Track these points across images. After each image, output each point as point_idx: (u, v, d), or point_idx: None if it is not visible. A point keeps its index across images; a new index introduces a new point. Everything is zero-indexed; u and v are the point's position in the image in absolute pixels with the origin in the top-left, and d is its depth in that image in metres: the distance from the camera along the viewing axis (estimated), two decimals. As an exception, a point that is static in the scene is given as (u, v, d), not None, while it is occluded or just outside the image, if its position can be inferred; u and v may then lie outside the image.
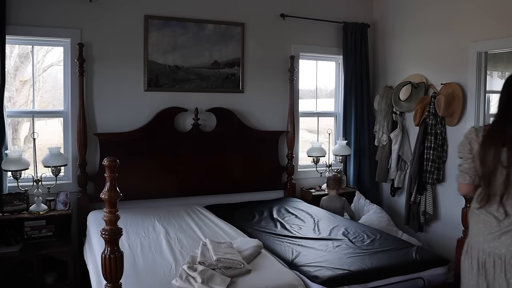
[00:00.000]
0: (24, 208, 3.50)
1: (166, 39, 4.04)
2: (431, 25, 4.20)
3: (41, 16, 3.63)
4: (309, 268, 2.49)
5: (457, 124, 3.92)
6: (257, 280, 2.33)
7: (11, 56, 3.98)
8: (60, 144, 3.85)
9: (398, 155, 4.42)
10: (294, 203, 4.07)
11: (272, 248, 2.86)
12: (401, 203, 4.47)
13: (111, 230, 1.83)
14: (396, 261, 2.65)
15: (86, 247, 3.33)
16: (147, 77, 4.00)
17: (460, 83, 3.87)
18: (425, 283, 2.58)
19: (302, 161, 4.78)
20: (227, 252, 2.48)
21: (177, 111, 4.08)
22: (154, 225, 3.27)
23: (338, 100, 4.94)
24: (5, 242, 3.37)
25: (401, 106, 4.38)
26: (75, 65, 3.70)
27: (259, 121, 4.45)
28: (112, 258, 1.84)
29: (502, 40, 3.51)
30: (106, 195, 1.79)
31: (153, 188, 3.96)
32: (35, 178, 3.56)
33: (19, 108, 4.00)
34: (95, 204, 3.73)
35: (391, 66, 4.73)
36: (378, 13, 4.88)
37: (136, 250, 2.74)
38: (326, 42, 4.72)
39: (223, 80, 4.29)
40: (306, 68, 4.81)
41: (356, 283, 2.41)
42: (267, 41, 4.46)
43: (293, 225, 3.37)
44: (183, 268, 2.34)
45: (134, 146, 3.89)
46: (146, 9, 3.96)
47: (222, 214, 3.67)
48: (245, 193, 4.31)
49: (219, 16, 4.23)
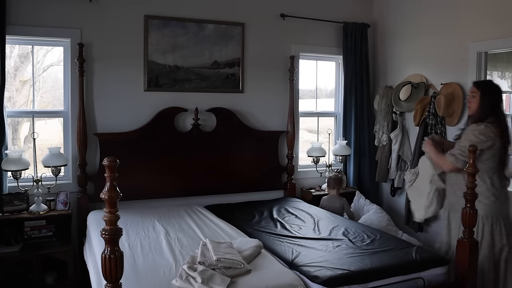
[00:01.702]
0: (24, 208, 3.50)
1: (166, 39, 4.04)
2: (431, 25, 4.20)
3: (41, 16, 3.63)
4: (309, 268, 2.49)
5: (457, 124, 3.91)
6: (257, 280, 2.33)
7: (11, 56, 3.98)
8: (60, 144, 3.86)
9: (398, 155, 4.42)
10: (294, 203, 4.07)
11: (272, 248, 2.86)
12: (401, 203, 4.47)
13: (111, 230, 1.82)
14: (396, 261, 2.65)
15: (86, 247, 3.33)
16: (147, 77, 4.00)
17: (460, 83, 3.87)
18: (425, 283, 2.58)
19: (302, 161, 4.78)
20: (227, 252, 2.48)
21: (177, 111, 4.08)
22: (154, 225, 3.27)
23: (338, 100, 4.94)
24: (5, 242, 3.37)
25: (401, 106, 4.38)
26: (75, 65, 3.70)
27: (259, 121, 4.45)
28: (112, 258, 1.84)
29: (502, 40, 3.51)
30: (106, 195, 1.79)
31: (153, 188, 3.96)
32: (35, 178, 3.56)
33: (19, 108, 4.00)
34: (95, 204, 3.73)
35: (391, 66, 4.73)
36: (378, 13, 4.88)
37: (136, 250, 2.74)
38: (326, 42, 4.72)
39: (223, 80, 4.29)
40: (306, 68, 4.81)
41: (356, 283, 2.40)
42: (267, 41, 4.46)
43: (293, 225, 3.37)
44: (183, 268, 2.34)
45: (134, 146, 3.89)
46: (146, 9, 3.97)
47: (222, 214, 3.67)
48: (245, 193, 4.31)
49: (219, 16, 4.23)
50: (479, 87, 2.94)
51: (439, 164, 3.01)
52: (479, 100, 2.89)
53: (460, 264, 2.69)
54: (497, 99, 2.91)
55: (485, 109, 2.87)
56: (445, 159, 2.93)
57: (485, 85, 2.98)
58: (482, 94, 2.89)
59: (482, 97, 2.89)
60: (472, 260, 2.67)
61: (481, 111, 2.89)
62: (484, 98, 2.88)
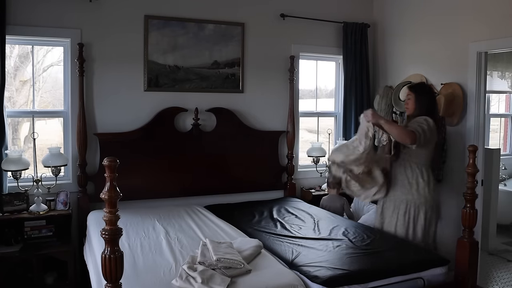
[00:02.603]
0: (24, 208, 3.50)
1: (166, 39, 4.04)
2: (431, 25, 4.20)
3: (41, 16, 3.63)
4: (309, 268, 2.49)
5: (457, 124, 3.92)
6: (257, 280, 2.33)
7: (11, 56, 3.98)
8: (60, 144, 3.86)
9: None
10: (294, 203, 4.07)
11: (272, 248, 2.86)
12: (401, 203, 4.46)
13: (111, 230, 1.83)
14: (396, 261, 2.65)
15: (86, 247, 3.33)
16: (147, 77, 4.00)
17: (460, 83, 3.87)
18: (425, 283, 2.58)
19: (302, 161, 4.78)
20: (227, 252, 2.48)
21: (177, 111, 4.08)
22: (154, 225, 3.27)
23: (338, 100, 4.94)
24: (5, 242, 3.37)
25: (401, 106, 4.37)
26: (75, 65, 3.70)
27: (259, 121, 4.45)
28: (112, 258, 1.84)
29: (502, 40, 3.51)
30: (106, 195, 1.79)
31: (153, 188, 3.96)
32: (35, 178, 3.56)
33: (19, 108, 4.01)
34: (95, 204, 3.72)
35: (391, 66, 4.73)
36: (378, 13, 4.88)
37: (136, 250, 2.74)
38: (326, 42, 4.72)
39: (223, 80, 4.29)
40: (306, 68, 4.81)
41: (356, 283, 2.40)
42: (267, 41, 4.46)
43: (293, 225, 3.37)
44: (183, 268, 2.34)
45: (134, 146, 3.89)
46: (146, 9, 3.97)
47: (222, 214, 3.67)
48: (245, 193, 4.31)
49: (219, 16, 4.23)
50: (413, 89, 3.29)
51: (403, 135, 3.03)
52: (414, 101, 3.23)
53: (460, 264, 2.70)
54: (430, 99, 3.28)
55: (421, 108, 3.20)
56: (410, 132, 3.02)
57: (418, 87, 3.36)
58: (417, 96, 3.24)
59: (416, 98, 3.23)
60: (472, 260, 2.68)
61: (418, 110, 3.21)
62: (418, 99, 3.23)
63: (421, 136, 3.01)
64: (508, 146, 6.19)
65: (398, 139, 3.13)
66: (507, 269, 4.20)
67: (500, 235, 4.93)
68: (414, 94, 3.25)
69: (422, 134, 3.01)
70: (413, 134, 2.99)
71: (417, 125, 3.08)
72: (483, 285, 3.80)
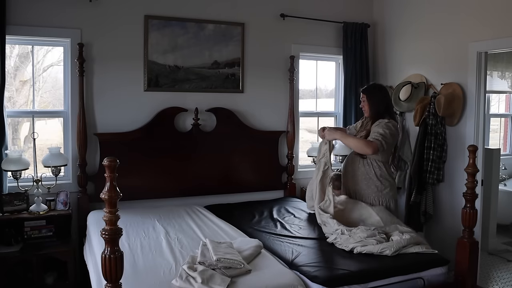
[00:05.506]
0: (24, 208, 3.50)
1: (166, 39, 4.04)
2: (431, 25, 4.20)
3: (41, 16, 3.63)
4: (309, 268, 2.49)
5: (457, 124, 3.92)
6: (257, 280, 2.33)
7: (11, 56, 3.98)
8: (60, 144, 3.86)
9: (398, 155, 4.42)
10: (294, 203, 4.07)
11: (272, 248, 2.86)
12: (401, 203, 4.46)
13: (111, 230, 1.83)
14: (396, 261, 2.64)
15: (86, 247, 3.33)
16: (147, 77, 4.00)
17: (460, 83, 3.87)
18: (425, 283, 2.58)
19: (302, 161, 4.78)
20: (227, 252, 2.48)
21: (177, 111, 4.08)
22: (154, 225, 3.27)
23: (338, 100, 4.94)
24: (5, 242, 3.37)
25: (401, 106, 4.38)
26: (75, 65, 3.70)
27: (259, 121, 4.45)
28: (112, 258, 1.84)
29: (502, 40, 3.51)
30: (106, 195, 1.79)
31: (153, 188, 3.96)
32: (35, 178, 3.56)
33: (19, 108, 4.01)
34: (95, 204, 3.73)
35: (391, 66, 4.73)
36: (378, 13, 4.88)
37: (136, 250, 2.74)
38: (326, 42, 4.72)
39: (223, 80, 4.29)
40: (306, 68, 4.81)
41: (356, 283, 2.41)
42: (267, 41, 4.46)
43: (293, 225, 3.37)
44: (183, 268, 2.34)
45: (134, 146, 3.89)
46: (146, 9, 3.97)
47: (222, 214, 3.67)
48: (245, 193, 4.32)
49: (219, 16, 4.23)
50: (364, 91, 3.36)
51: (363, 146, 3.10)
52: (368, 103, 3.30)
53: (460, 264, 2.70)
54: (381, 98, 3.30)
55: (375, 108, 3.27)
56: (370, 142, 3.08)
57: (368, 88, 3.39)
58: (368, 96, 3.31)
59: (369, 99, 3.30)
60: (472, 260, 2.68)
61: (374, 110, 3.27)
62: (370, 99, 3.29)
63: (382, 142, 3.07)
64: (508, 146, 6.19)
65: (358, 150, 3.19)
66: (507, 269, 4.20)
67: (500, 235, 4.93)
68: (366, 95, 3.32)
69: (382, 141, 3.07)
70: (373, 144, 3.06)
71: (377, 132, 3.13)
72: (483, 285, 3.80)
